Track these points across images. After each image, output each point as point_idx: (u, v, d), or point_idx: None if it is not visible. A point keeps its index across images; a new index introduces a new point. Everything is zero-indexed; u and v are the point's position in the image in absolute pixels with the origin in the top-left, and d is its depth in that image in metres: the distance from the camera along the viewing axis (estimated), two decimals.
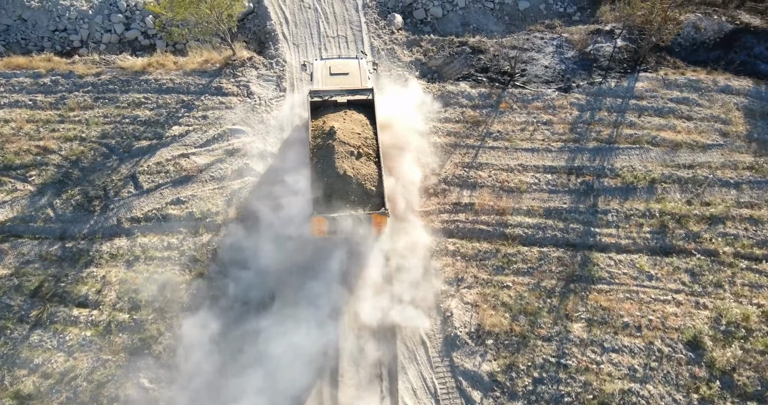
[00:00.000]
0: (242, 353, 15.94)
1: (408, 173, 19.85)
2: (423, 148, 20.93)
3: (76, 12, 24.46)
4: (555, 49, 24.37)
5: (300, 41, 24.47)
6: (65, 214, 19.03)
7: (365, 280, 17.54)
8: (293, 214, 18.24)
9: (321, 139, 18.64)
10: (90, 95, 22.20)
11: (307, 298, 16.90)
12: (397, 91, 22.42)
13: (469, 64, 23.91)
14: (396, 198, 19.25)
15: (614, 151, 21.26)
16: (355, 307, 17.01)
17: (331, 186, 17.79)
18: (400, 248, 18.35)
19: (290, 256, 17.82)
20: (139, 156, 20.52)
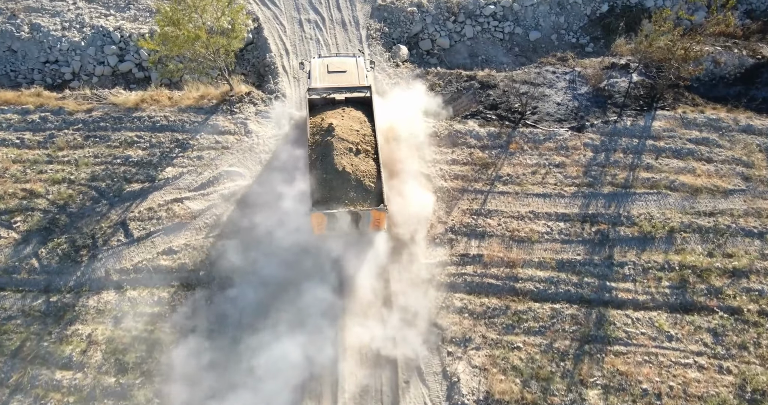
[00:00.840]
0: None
1: (414, 226, 19.31)
2: (429, 194, 20.26)
3: (68, 43, 23.88)
4: (568, 85, 23.67)
5: (301, 75, 23.83)
6: (51, 265, 18.36)
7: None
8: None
9: (319, 136, 18.91)
10: (80, 133, 21.58)
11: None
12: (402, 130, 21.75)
13: (478, 100, 23.22)
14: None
15: (630, 196, 20.51)
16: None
17: (329, 183, 18.03)
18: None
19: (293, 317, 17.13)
20: (130, 200, 19.85)
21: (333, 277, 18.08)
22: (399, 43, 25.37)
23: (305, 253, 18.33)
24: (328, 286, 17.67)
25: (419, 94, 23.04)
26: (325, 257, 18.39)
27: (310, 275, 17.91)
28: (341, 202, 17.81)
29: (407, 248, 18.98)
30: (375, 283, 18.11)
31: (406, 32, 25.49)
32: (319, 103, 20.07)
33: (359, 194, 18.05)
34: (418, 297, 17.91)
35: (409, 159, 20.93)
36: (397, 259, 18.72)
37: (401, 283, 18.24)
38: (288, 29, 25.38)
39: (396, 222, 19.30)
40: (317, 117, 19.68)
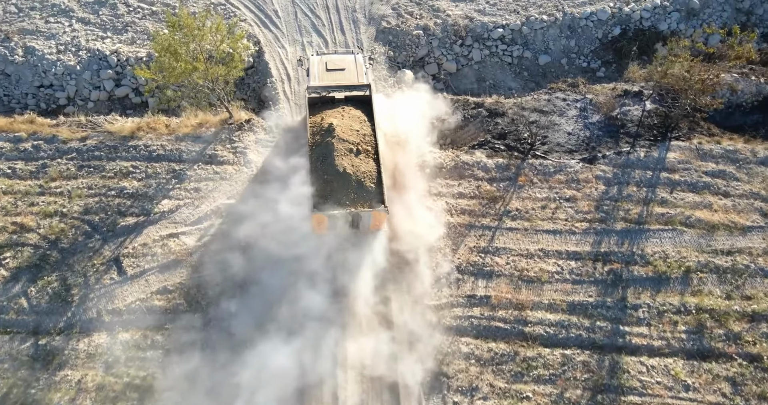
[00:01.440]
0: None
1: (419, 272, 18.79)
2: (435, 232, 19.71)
3: (63, 67, 23.45)
4: (579, 113, 23.12)
5: (303, 100, 23.32)
6: (40, 305, 17.85)
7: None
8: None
9: (319, 137, 19.05)
10: (74, 163, 21.11)
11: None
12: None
13: (486, 129, 22.69)
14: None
15: (644, 233, 19.93)
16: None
17: (330, 183, 18.19)
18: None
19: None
20: (124, 235, 19.34)
21: (333, 310, 17.70)
22: (404, 67, 24.89)
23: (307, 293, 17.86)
24: (330, 329, 17.18)
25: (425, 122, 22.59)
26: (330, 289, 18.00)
27: (311, 318, 17.39)
28: (342, 202, 17.99)
29: (411, 289, 18.44)
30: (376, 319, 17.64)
31: (412, 56, 25.02)
32: (318, 102, 20.20)
33: (360, 195, 18.17)
34: (424, 341, 17.37)
35: (414, 192, 20.42)
36: (401, 302, 18.18)
37: (405, 327, 17.70)
38: (290, 53, 24.94)
39: (399, 261, 18.80)
40: (317, 116, 19.85)
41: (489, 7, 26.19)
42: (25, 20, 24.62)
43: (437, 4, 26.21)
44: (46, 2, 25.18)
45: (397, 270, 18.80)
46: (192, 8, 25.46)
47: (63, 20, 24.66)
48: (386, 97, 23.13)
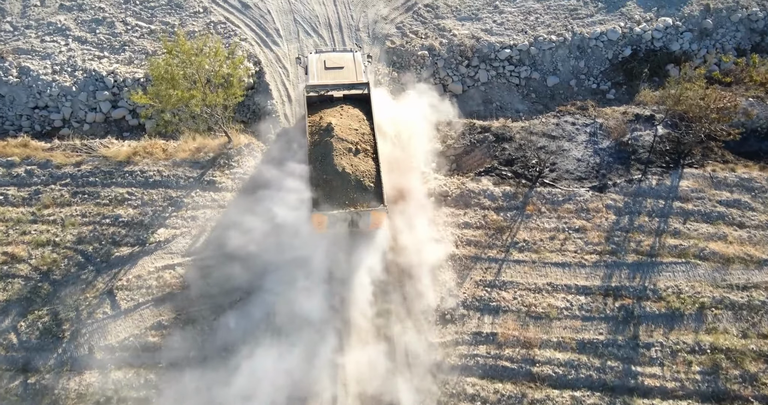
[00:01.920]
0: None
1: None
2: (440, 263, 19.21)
3: (59, 88, 23.03)
4: (588, 138, 22.62)
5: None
6: (30, 341, 17.41)
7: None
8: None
9: (318, 136, 19.29)
10: (68, 189, 20.68)
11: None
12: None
13: (492, 155, 22.21)
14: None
15: (657, 266, 19.41)
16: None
17: (329, 183, 18.45)
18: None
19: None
20: (119, 266, 18.90)
21: (334, 346, 17.36)
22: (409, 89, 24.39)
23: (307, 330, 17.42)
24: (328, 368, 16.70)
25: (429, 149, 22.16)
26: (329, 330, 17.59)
27: (312, 355, 16.95)
28: (341, 202, 18.28)
29: (415, 327, 17.94)
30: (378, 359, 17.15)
31: (417, 77, 24.50)
32: (317, 101, 20.41)
33: (359, 194, 18.42)
34: (427, 384, 16.86)
35: (418, 221, 19.93)
36: (403, 339, 17.68)
37: (408, 368, 17.19)
38: (291, 73, 24.47)
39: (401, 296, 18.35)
40: (316, 115, 20.07)
41: (496, 26, 25.71)
42: (20, 39, 24.23)
43: (443, 23, 25.74)
44: (42, 20, 24.80)
45: (401, 306, 18.33)
46: (191, 27, 25.06)
47: (59, 39, 24.27)
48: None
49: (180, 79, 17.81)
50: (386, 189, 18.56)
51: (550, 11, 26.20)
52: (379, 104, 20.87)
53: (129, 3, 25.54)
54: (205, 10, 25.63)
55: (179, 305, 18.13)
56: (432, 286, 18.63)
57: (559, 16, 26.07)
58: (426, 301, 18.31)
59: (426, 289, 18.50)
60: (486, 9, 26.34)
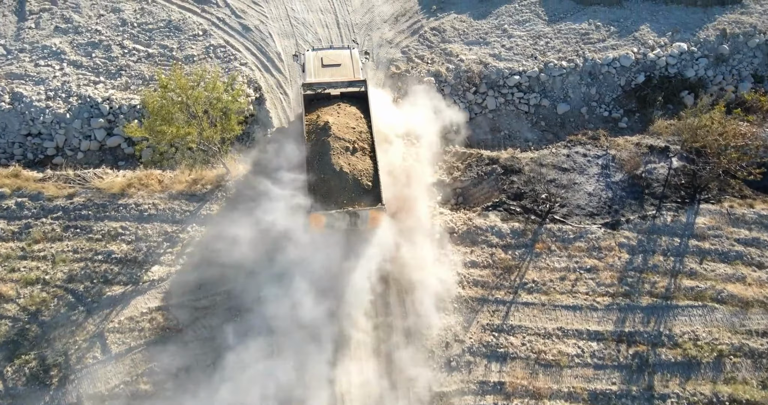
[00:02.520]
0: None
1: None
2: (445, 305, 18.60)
3: (52, 115, 22.55)
4: (600, 171, 22.00)
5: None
6: (17, 388, 16.87)
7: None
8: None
9: (315, 135, 19.41)
10: (59, 223, 20.15)
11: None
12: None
13: (500, 188, 21.61)
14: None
15: (672, 310, 18.78)
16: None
17: (327, 182, 18.58)
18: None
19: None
20: (110, 307, 18.35)
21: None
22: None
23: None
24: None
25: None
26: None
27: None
28: (339, 201, 18.38)
29: (419, 374, 17.31)
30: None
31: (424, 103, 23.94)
32: (314, 99, 20.54)
33: (357, 193, 18.55)
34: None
35: (422, 261, 19.33)
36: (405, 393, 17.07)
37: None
38: (293, 100, 23.94)
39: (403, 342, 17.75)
40: (313, 114, 20.20)
41: (505, 51, 25.14)
42: (13, 63, 23.77)
43: (450, 48, 25.18)
44: (36, 44, 24.35)
45: (405, 355, 17.71)
46: (190, 50, 24.54)
47: (54, 63, 23.80)
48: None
49: (176, 112, 17.25)
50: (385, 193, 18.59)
51: (561, 36, 25.62)
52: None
53: (126, 25, 25.07)
54: (204, 33, 25.14)
55: (173, 350, 17.56)
56: (437, 330, 18.03)
57: (570, 40, 25.49)
58: (430, 346, 17.72)
59: (431, 333, 17.91)
60: (494, 33, 25.78)
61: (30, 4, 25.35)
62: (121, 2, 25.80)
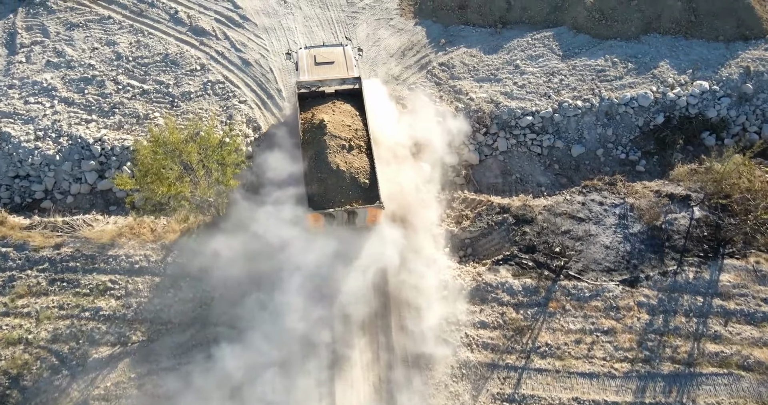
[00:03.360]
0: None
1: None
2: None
3: (41, 157, 21.80)
4: (617, 221, 21.08)
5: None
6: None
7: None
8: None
9: (311, 134, 19.74)
10: (45, 275, 19.39)
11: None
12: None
13: (512, 240, 20.72)
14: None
15: (695, 378, 17.84)
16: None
17: (324, 181, 18.95)
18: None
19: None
20: (96, 370, 17.55)
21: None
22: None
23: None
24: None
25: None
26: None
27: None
28: (337, 200, 18.69)
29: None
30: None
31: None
32: (308, 97, 20.88)
33: (355, 192, 18.91)
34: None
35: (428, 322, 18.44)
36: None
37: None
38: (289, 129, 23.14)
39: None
40: (307, 112, 20.56)
41: (517, 89, 24.27)
42: (2, 100, 23.06)
43: (459, 85, 24.33)
44: (27, 79, 23.62)
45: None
46: (187, 87, 23.75)
47: (44, 100, 23.07)
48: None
49: (168, 166, 16.41)
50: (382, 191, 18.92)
51: (576, 72, 24.74)
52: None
53: (121, 59, 24.34)
54: (202, 68, 24.37)
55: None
56: (443, 400, 17.13)
57: (586, 77, 24.61)
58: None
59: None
60: (506, 69, 24.93)
61: (21, 36, 24.66)
62: (116, 34, 25.08)
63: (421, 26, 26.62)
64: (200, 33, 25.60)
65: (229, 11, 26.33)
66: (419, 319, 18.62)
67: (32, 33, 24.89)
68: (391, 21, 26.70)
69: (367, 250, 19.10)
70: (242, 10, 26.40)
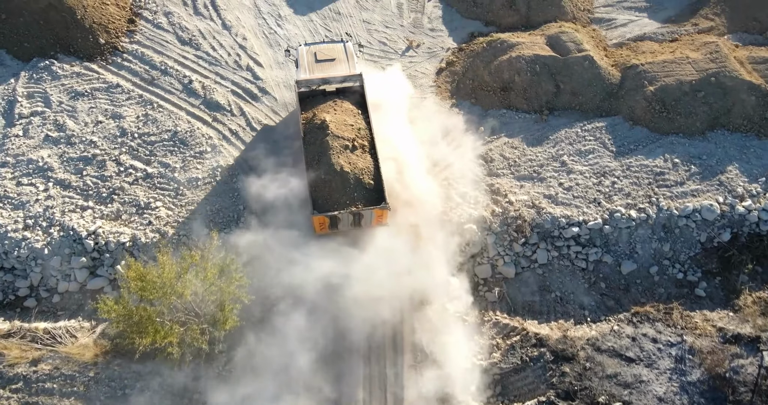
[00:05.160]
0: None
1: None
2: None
3: (28, 250, 20.25)
4: (674, 365, 18.74)
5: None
6: None
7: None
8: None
9: (313, 134, 19.76)
10: (18, 397, 17.71)
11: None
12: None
13: (548, 381, 18.50)
14: None
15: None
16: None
17: (329, 183, 18.95)
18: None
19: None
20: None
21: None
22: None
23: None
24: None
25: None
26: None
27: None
28: (342, 202, 18.73)
29: None
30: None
31: (461, 254, 20.90)
32: (309, 95, 20.92)
33: (360, 192, 18.92)
34: None
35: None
36: None
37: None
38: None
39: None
40: (308, 112, 20.56)
41: (563, 192, 22.02)
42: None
43: (497, 184, 22.15)
44: (22, 156, 22.10)
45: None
46: (194, 172, 21.99)
47: (38, 182, 21.54)
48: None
49: (154, 317, 14.60)
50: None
51: (630, 174, 22.40)
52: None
53: (126, 136, 22.71)
54: (213, 149, 22.61)
55: None
56: None
57: (641, 181, 22.26)
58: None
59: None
60: (551, 165, 22.71)
61: (21, 106, 23.18)
62: (123, 106, 23.46)
63: (459, 108, 24.55)
64: (214, 107, 23.86)
65: (247, 82, 24.58)
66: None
67: (33, 101, 23.38)
68: (425, 100, 24.68)
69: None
70: (262, 81, 24.63)
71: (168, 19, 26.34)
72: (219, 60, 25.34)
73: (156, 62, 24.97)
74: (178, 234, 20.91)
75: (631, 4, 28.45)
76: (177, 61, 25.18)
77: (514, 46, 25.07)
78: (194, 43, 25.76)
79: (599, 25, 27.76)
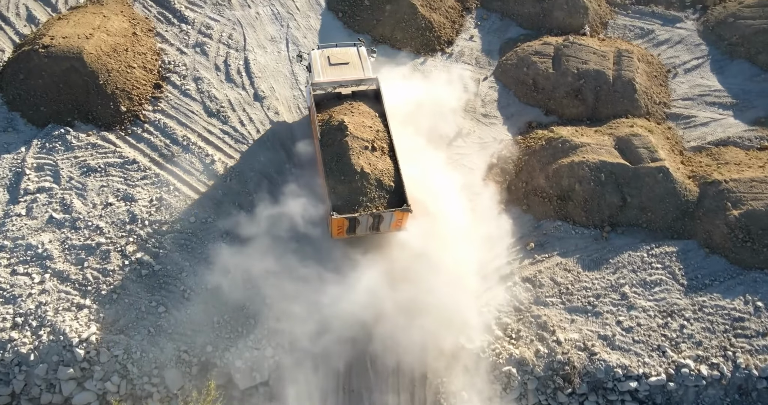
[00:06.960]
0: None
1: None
2: None
3: (14, 353, 18.71)
4: None
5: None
6: None
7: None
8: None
9: (330, 136, 19.80)
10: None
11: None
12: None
13: None
14: None
15: None
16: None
17: (348, 185, 18.91)
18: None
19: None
20: None
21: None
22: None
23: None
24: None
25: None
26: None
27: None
28: (362, 204, 18.71)
29: None
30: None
31: (493, 396, 18.51)
32: (323, 99, 21.05)
33: (380, 194, 18.94)
34: None
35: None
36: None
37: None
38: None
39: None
40: (324, 114, 20.71)
41: (621, 333, 19.45)
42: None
43: (545, 316, 19.71)
44: (21, 240, 20.60)
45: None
46: (206, 275, 20.05)
47: (35, 271, 20.03)
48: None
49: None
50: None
51: (703, 316, 19.71)
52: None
53: (135, 223, 21.03)
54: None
55: None
56: None
57: (716, 326, 19.55)
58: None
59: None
60: (609, 297, 20.16)
61: (28, 179, 21.73)
62: (137, 186, 21.81)
63: (508, 215, 22.18)
64: (234, 195, 22.03)
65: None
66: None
67: (41, 175, 21.91)
68: (469, 202, 22.36)
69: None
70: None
71: (197, 85, 24.76)
72: (246, 137, 23.63)
73: (178, 136, 23.33)
74: (178, 349, 19.14)
75: (715, 98, 25.70)
76: (201, 136, 23.51)
77: (578, 148, 22.59)
78: (222, 116, 24.10)
79: (676, 122, 25.10)
